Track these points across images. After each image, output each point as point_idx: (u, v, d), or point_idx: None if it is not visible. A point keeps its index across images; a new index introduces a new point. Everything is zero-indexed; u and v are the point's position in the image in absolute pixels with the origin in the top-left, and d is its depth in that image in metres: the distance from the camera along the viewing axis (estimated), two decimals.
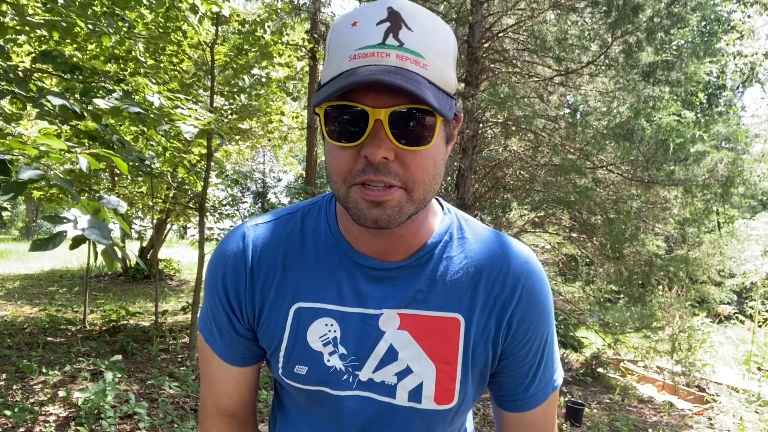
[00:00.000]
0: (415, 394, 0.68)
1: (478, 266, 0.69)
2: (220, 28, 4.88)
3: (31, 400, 3.22)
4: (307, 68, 8.27)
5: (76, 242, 1.61)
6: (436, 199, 0.74)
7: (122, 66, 4.27)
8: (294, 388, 0.72)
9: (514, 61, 5.11)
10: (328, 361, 0.68)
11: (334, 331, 0.68)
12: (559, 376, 0.76)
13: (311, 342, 0.69)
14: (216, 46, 4.74)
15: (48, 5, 2.88)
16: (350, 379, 0.69)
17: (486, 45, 4.87)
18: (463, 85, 4.90)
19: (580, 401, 4.07)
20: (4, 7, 2.71)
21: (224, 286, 0.71)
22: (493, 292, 0.69)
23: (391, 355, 0.68)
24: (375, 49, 0.55)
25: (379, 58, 0.54)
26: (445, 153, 0.63)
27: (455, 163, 4.98)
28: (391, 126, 0.55)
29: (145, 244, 10.59)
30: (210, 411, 0.79)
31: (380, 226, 0.58)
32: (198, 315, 4.42)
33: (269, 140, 8.95)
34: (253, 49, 5.60)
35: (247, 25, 5.36)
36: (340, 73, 0.56)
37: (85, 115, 2.47)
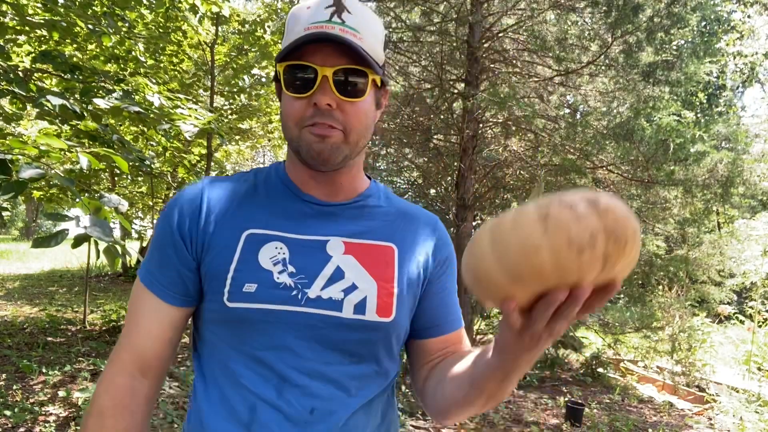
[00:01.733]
0: (360, 307, 0.76)
1: (404, 213, 0.88)
2: (220, 28, 4.88)
3: (31, 400, 3.22)
4: None
5: (79, 240, 1.61)
6: (366, 175, 0.92)
7: (122, 66, 4.27)
8: (239, 314, 0.73)
9: (514, 61, 5.11)
10: (278, 278, 0.75)
11: (283, 253, 0.77)
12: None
13: (262, 262, 0.75)
14: (216, 46, 4.74)
15: (48, 5, 2.88)
16: (299, 296, 0.75)
17: (486, 45, 4.87)
18: (463, 85, 4.90)
19: (580, 401, 4.07)
20: (4, 7, 2.71)
21: (179, 215, 0.78)
22: (419, 230, 0.86)
23: (338, 274, 0.77)
24: (323, 24, 0.72)
25: (327, 30, 0.71)
26: (374, 113, 0.80)
27: (455, 163, 4.98)
28: (334, 81, 0.72)
29: (145, 244, 10.59)
30: (121, 358, 0.78)
31: (323, 158, 0.74)
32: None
33: (269, 140, 8.95)
34: (253, 49, 5.60)
35: (247, 25, 5.36)
36: (296, 39, 0.72)
37: (85, 115, 2.47)
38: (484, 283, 0.54)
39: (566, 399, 4.23)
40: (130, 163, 2.64)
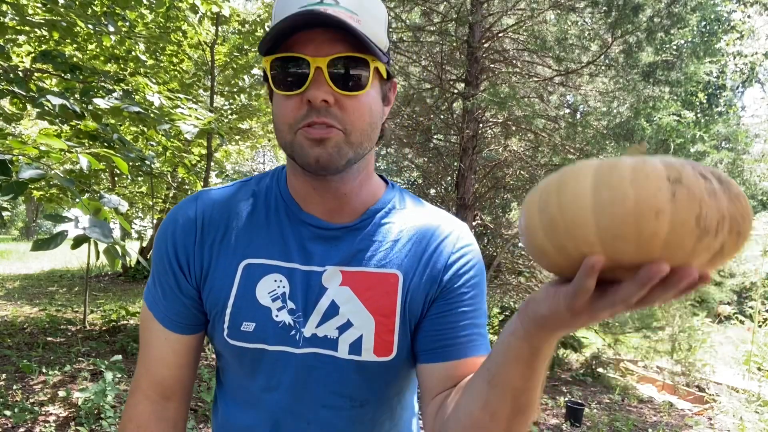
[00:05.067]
0: (356, 346, 0.70)
1: (416, 230, 0.74)
2: (220, 28, 4.88)
3: (31, 400, 3.22)
4: None
5: (78, 242, 1.61)
6: (382, 177, 0.80)
7: (122, 66, 4.28)
8: (238, 351, 0.71)
9: (514, 61, 5.11)
10: (276, 316, 0.70)
11: (283, 287, 0.70)
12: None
13: (260, 297, 0.70)
14: (216, 46, 4.74)
15: (48, 5, 2.88)
16: (297, 336, 0.70)
17: (486, 45, 4.87)
18: (463, 85, 4.90)
19: (580, 401, 4.07)
20: (4, 7, 2.71)
21: (174, 243, 0.72)
22: (433, 247, 0.73)
23: (332, 309, 0.70)
24: (314, 6, 0.60)
25: (317, 10, 0.59)
26: (381, 109, 0.69)
27: (455, 163, 4.98)
28: (330, 73, 0.61)
29: (145, 243, 10.59)
30: (141, 386, 0.77)
31: (322, 165, 0.63)
32: None
33: (269, 140, 8.96)
34: (253, 49, 5.60)
35: (247, 25, 5.37)
36: (278, 22, 0.61)
37: (85, 115, 2.47)
38: (561, 230, 0.43)
39: (566, 399, 4.23)
40: (130, 163, 2.64)
